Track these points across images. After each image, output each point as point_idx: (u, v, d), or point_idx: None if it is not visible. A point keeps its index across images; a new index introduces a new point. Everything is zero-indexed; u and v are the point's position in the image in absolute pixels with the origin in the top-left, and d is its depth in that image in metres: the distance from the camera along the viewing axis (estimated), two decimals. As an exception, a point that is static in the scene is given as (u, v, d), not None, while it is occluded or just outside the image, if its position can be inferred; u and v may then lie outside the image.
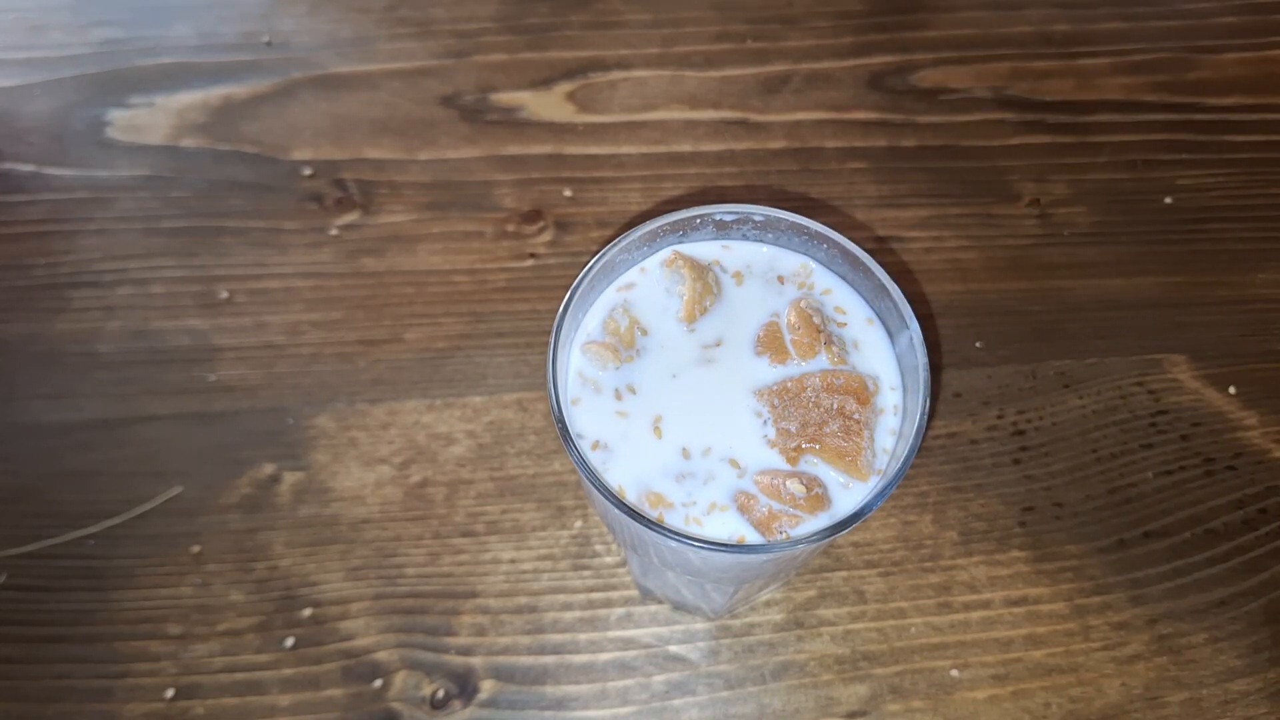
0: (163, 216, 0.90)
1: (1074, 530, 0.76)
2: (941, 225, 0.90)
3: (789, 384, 0.52)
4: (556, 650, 0.71)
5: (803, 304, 0.55)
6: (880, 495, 0.49)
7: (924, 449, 0.79)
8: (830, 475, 0.51)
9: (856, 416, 0.51)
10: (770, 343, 0.55)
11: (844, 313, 0.57)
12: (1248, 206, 0.93)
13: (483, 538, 0.75)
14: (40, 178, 0.93)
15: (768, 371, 0.54)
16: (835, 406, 0.51)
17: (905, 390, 0.54)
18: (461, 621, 0.72)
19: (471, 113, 0.97)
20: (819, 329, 0.54)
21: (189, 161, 0.93)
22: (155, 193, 0.92)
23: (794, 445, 0.51)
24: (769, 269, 0.58)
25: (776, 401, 0.52)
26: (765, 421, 0.53)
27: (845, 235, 0.56)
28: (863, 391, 0.52)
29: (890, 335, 0.56)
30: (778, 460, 0.51)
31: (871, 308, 0.57)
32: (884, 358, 0.56)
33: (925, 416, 0.50)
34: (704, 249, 0.59)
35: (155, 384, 0.82)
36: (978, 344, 0.84)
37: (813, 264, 0.58)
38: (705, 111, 0.97)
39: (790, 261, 0.58)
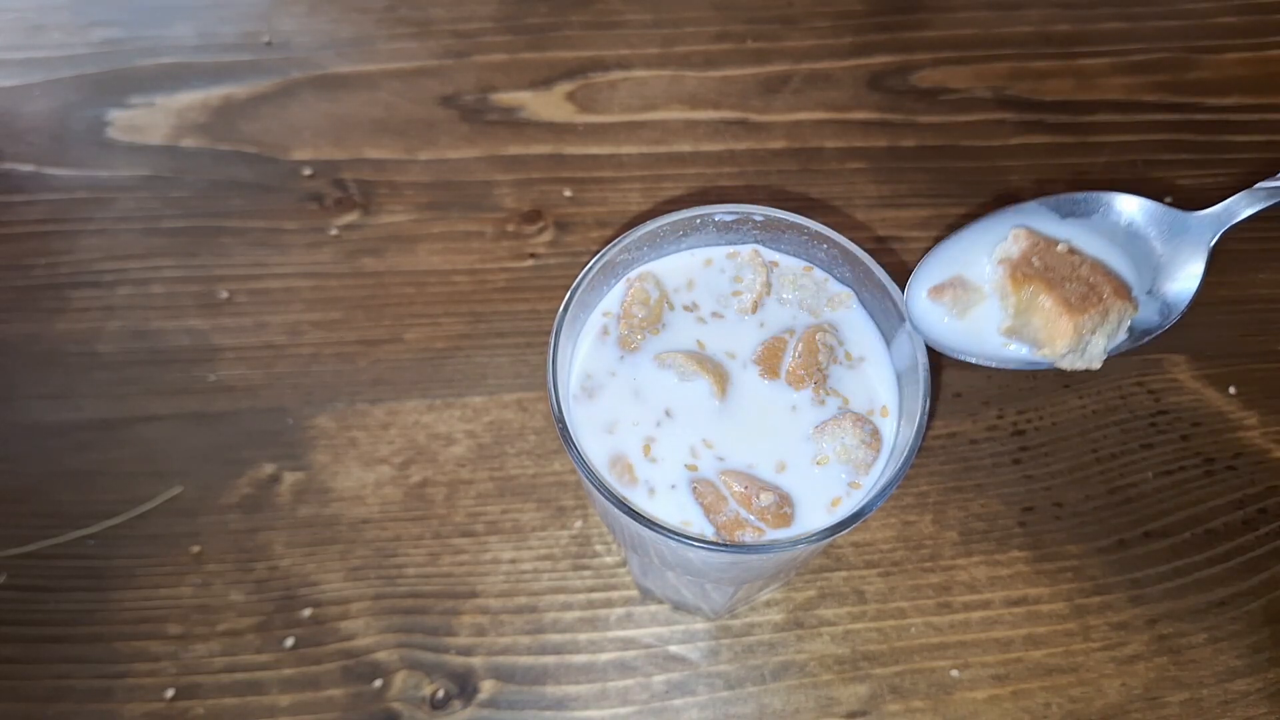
0: (163, 216, 0.90)
1: (1074, 530, 0.76)
2: (941, 225, 0.90)
3: (1054, 245, 0.52)
4: (556, 650, 0.71)
5: (818, 336, 0.55)
6: (880, 495, 0.49)
7: (924, 449, 0.79)
8: (1035, 328, 0.50)
9: (1103, 296, 0.49)
10: (768, 357, 0.55)
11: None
12: (1248, 206, 0.92)
13: (483, 538, 0.75)
14: (40, 178, 0.92)
15: (754, 379, 0.55)
16: (1089, 280, 0.50)
17: (905, 390, 0.54)
18: (461, 621, 0.72)
19: (471, 113, 0.97)
20: (818, 366, 0.54)
21: (189, 161, 0.93)
22: (155, 193, 0.92)
23: (1024, 272, 0.50)
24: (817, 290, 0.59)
25: (1036, 260, 0.51)
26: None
27: (845, 235, 0.56)
28: (1122, 290, 0.50)
29: (888, 337, 0.56)
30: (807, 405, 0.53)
31: (876, 323, 0.57)
32: (882, 360, 0.56)
33: (925, 416, 0.50)
34: (790, 260, 0.60)
35: (155, 384, 0.82)
36: (978, 344, 0.84)
37: (852, 296, 0.58)
38: (705, 111, 0.97)
39: (833, 288, 0.59)
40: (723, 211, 0.57)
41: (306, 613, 0.72)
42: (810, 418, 0.54)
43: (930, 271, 0.54)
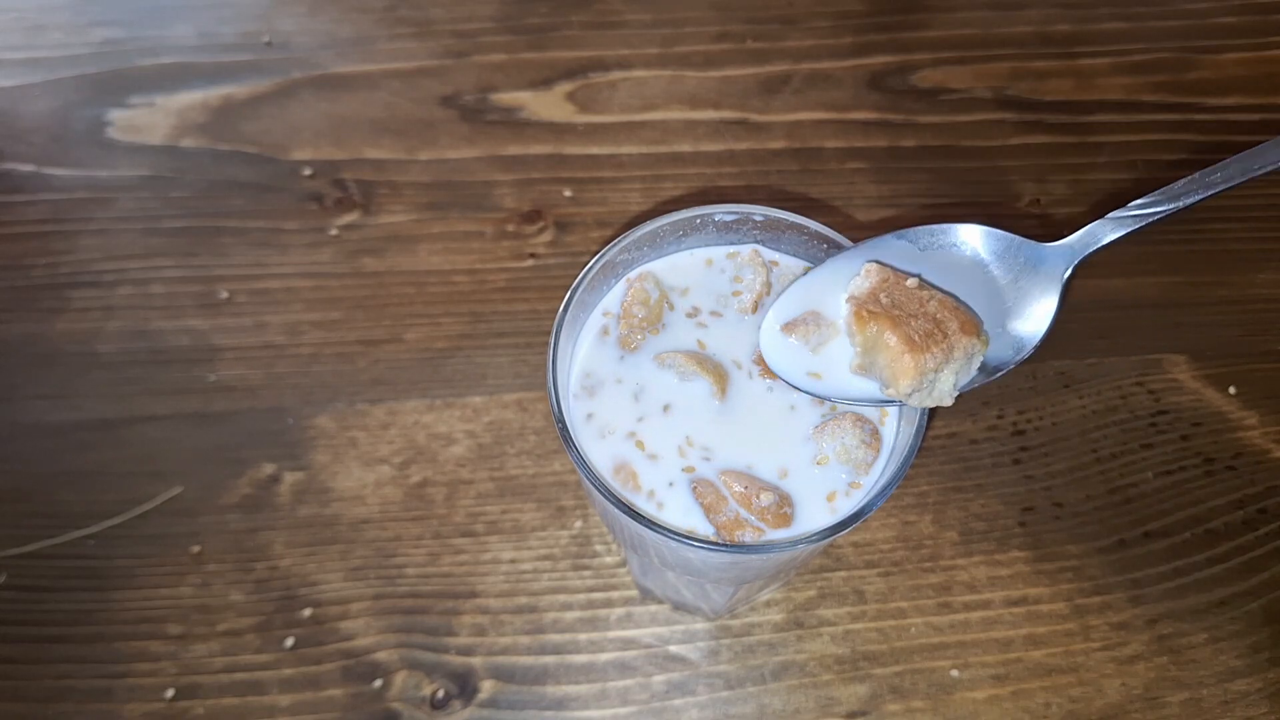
0: (163, 216, 0.90)
1: (1074, 530, 0.76)
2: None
3: (905, 280, 0.51)
4: (556, 650, 0.71)
5: None
6: (880, 495, 0.49)
7: (924, 449, 0.79)
8: (866, 384, 0.50)
9: (948, 333, 0.48)
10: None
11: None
12: (1248, 206, 0.93)
13: (483, 538, 0.75)
14: (40, 178, 0.92)
15: (753, 379, 0.55)
16: (936, 316, 0.49)
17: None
18: (461, 621, 0.72)
19: (471, 113, 0.97)
20: None
21: (189, 161, 0.93)
22: (155, 193, 0.92)
23: (870, 310, 0.50)
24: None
25: (883, 297, 0.50)
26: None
27: (845, 235, 0.56)
28: (970, 326, 0.49)
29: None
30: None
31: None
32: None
33: (925, 416, 0.50)
34: (790, 260, 0.60)
35: (155, 384, 0.82)
36: (978, 344, 0.84)
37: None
38: (705, 111, 0.97)
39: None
40: (723, 211, 0.57)
41: (306, 613, 0.72)
42: (810, 418, 0.54)
43: (786, 306, 0.54)
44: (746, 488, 0.50)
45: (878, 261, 0.52)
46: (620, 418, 0.54)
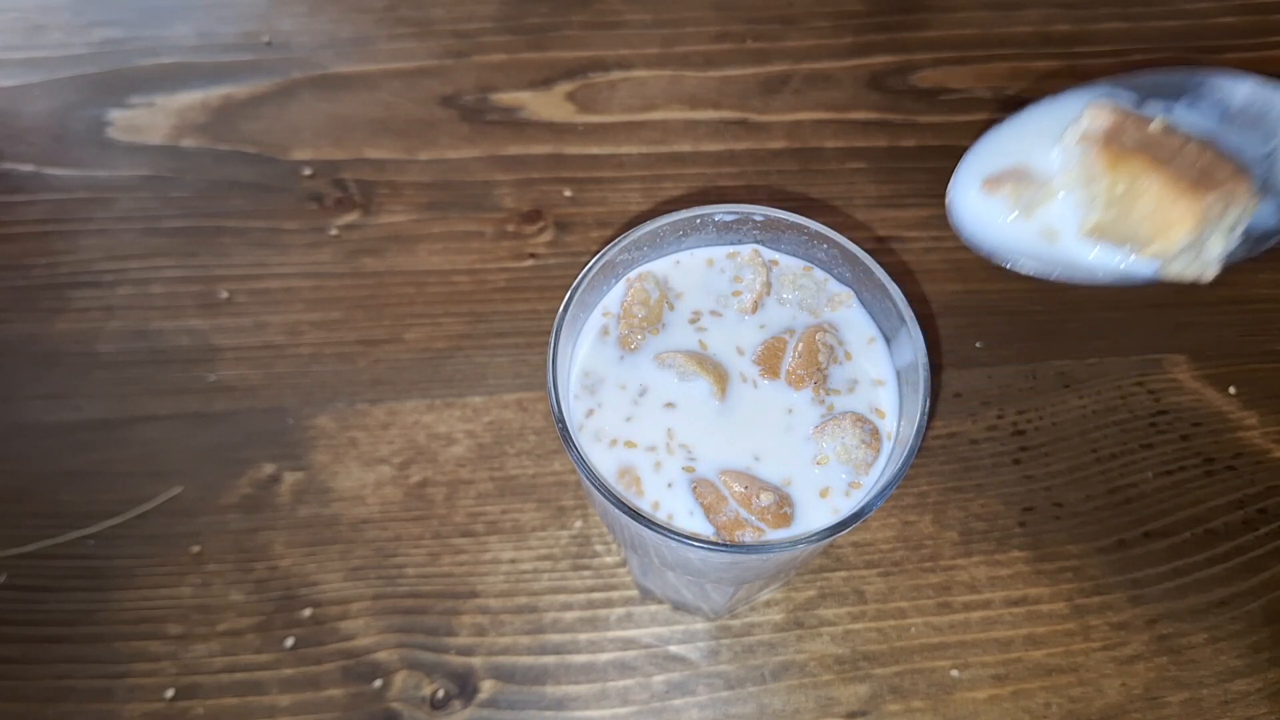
0: (163, 216, 0.90)
1: (1074, 530, 0.76)
2: (941, 225, 0.90)
3: (1147, 123, 0.41)
4: (556, 650, 0.71)
5: (818, 336, 0.55)
6: (880, 495, 0.49)
7: (924, 449, 0.79)
8: (1142, 212, 0.40)
9: (1224, 177, 0.38)
10: (768, 357, 0.55)
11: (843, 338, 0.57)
12: (1248, 206, 0.92)
13: (483, 538, 0.75)
14: (40, 178, 0.92)
15: (753, 379, 0.55)
16: (1198, 163, 0.39)
17: (904, 390, 0.54)
18: (461, 621, 0.72)
19: (471, 113, 0.97)
20: (818, 367, 0.54)
21: (189, 161, 0.93)
22: (155, 193, 0.92)
23: (1121, 149, 0.40)
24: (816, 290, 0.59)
25: (1126, 140, 0.40)
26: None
27: (845, 235, 0.56)
28: (1243, 175, 0.40)
29: (889, 337, 0.56)
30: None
31: (876, 322, 0.57)
32: (882, 360, 0.56)
33: (925, 416, 0.50)
34: (790, 260, 0.59)
35: (155, 384, 0.82)
36: (978, 344, 0.84)
37: (852, 296, 0.58)
38: (705, 111, 0.97)
39: (833, 288, 0.59)
40: (723, 211, 0.57)
41: (306, 613, 0.72)
42: (810, 418, 0.54)
43: (981, 160, 0.42)
44: (746, 488, 0.50)
45: (1108, 101, 0.42)
46: (620, 417, 0.54)
